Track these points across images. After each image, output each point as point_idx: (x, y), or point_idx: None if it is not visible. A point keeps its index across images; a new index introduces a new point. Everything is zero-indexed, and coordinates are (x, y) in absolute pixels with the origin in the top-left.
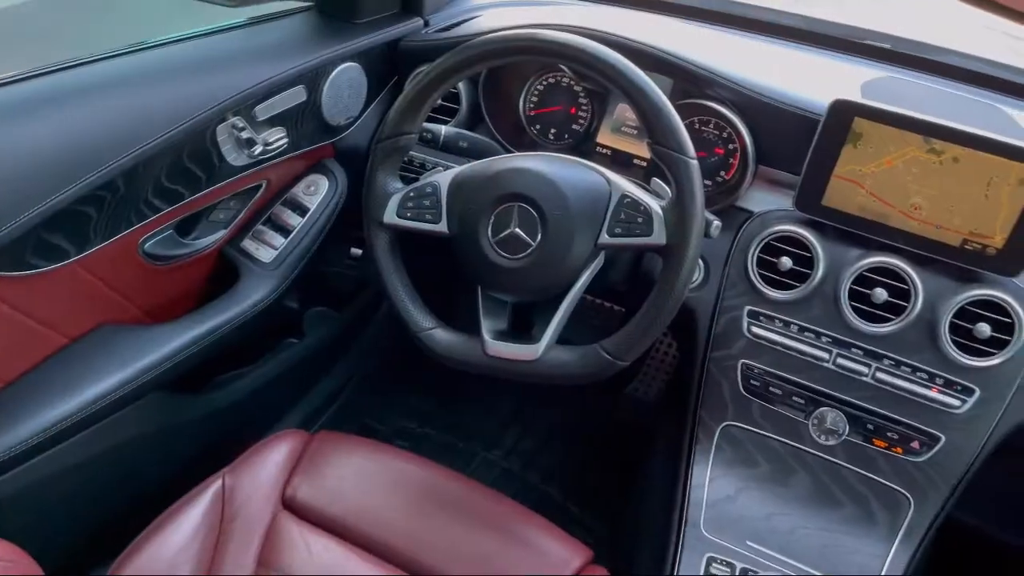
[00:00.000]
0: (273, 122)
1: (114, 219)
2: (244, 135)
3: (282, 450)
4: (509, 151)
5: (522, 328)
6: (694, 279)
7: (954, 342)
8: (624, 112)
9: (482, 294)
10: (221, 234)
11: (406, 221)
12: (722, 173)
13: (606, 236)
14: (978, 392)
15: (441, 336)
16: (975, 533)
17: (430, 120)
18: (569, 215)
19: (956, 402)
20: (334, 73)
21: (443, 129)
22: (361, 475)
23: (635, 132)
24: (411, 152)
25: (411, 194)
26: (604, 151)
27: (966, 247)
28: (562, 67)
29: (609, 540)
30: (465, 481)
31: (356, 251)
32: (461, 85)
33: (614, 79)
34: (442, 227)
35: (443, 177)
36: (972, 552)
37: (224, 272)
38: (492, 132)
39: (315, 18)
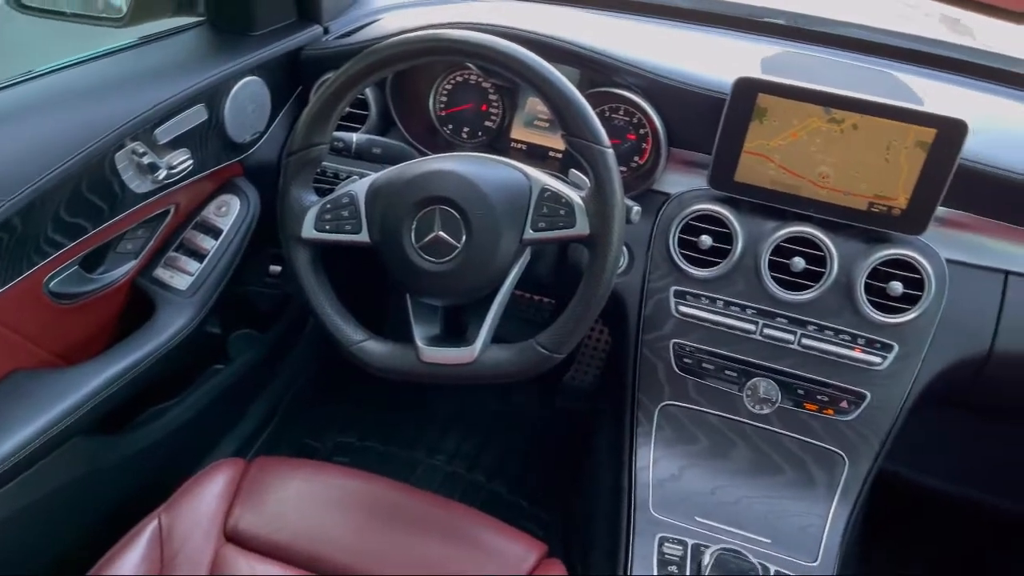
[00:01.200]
0: (175, 144)
1: (14, 260)
2: (146, 160)
3: (219, 481)
4: (424, 154)
5: (456, 331)
6: (620, 265)
7: (870, 302)
8: (535, 106)
9: (411, 301)
10: (131, 265)
11: (325, 234)
12: (636, 158)
13: (531, 231)
14: (897, 348)
15: (374, 348)
16: (906, 482)
17: (340, 129)
18: (492, 213)
19: (877, 359)
20: (235, 88)
21: (354, 137)
22: (303, 497)
23: (548, 125)
24: (324, 163)
25: (328, 206)
26: (519, 146)
27: (873, 210)
28: (469, 65)
29: (562, 531)
30: (410, 491)
31: (275, 268)
32: (369, 91)
33: (521, 74)
34: (363, 237)
35: (359, 186)
36: (905, 500)
37: (139, 304)
38: (405, 136)
39: (209, 33)
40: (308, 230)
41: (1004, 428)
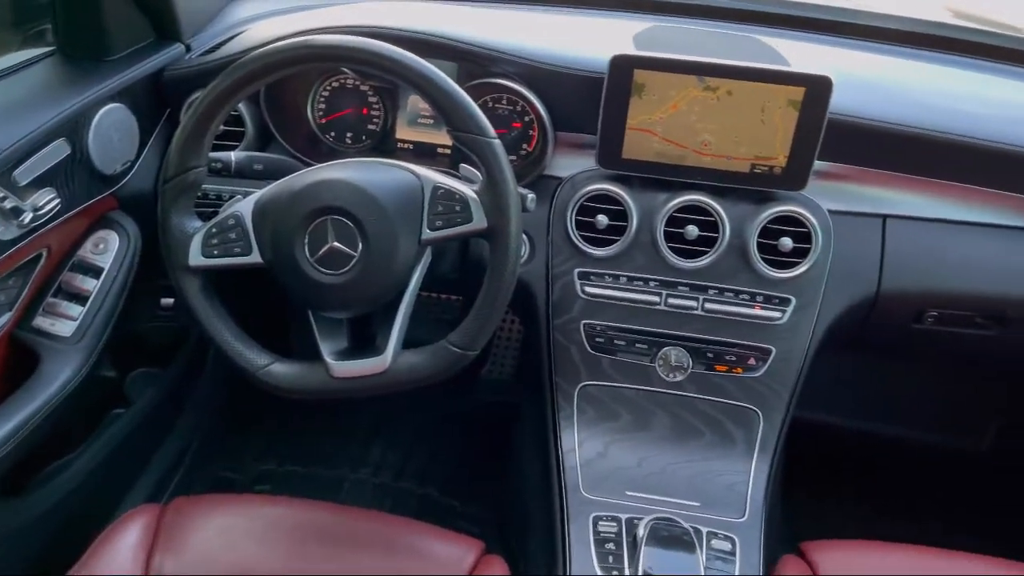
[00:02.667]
0: (39, 183)
1: None
2: (7, 204)
3: (133, 531)
4: (309, 164)
5: (364, 342)
6: (522, 255)
7: (764, 260)
8: (417, 103)
9: (315, 316)
10: (6, 318)
11: (214, 259)
12: (525, 146)
13: (428, 231)
14: (794, 301)
15: (281, 370)
16: (820, 426)
17: (216, 148)
18: (386, 218)
19: (777, 314)
20: (96, 118)
21: (233, 155)
22: (228, 533)
23: (433, 122)
24: (204, 186)
25: (213, 230)
26: (406, 146)
27: (756, 171)
28: (345, 70)
29: (498, 525)
30: (338, 509)
31: (168, 301)
32: (242, 106)
33: (397, 73)
34: (255, 257)
35: (244, 205)
36: (821, 443)
37: (20, 358)
38: (286, 149)
39: (61, 63)
40: (195, 258)
41: (900, 364)
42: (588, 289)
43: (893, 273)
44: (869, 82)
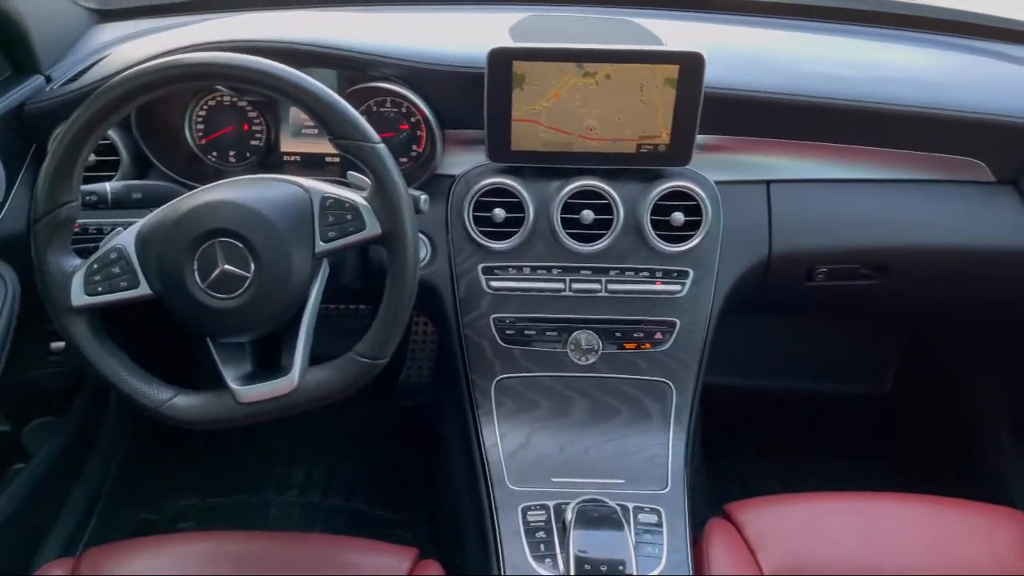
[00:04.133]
0: None
1: None
2: None
3: None
4: (192, 188)
5: (270, 363)
6: (422, 256)
7: (659, 236)
8: (299, 115)
9: (214, 343)
10: None
11: (99, 297)
12: (414, 147)
13: (322, 243)
14: (692, 273)
15: (185, 403)
16: (731, 389)
17: (90, 180)
18: (276, 235)
19: (677, 287)
20: None
21: (108, 186)
22: None
23: (318, 131)
24: (81, 221)
25: (95, 266)
26: (293, 159)
27: (642, 151)
28: (219, 87)
29: (431, 528)
30: (264, 536)
31: (58, 345)
32: (113, 134)
33: (270, 85)
34: (143, 290)
35: (126, 237)
36: (735, 408)
37: None
38: (166, 174)
39: None
40: (78, 297)
41: (799, 321)
42: (493, 283)
43: (782, 235)
44: (742, 55)
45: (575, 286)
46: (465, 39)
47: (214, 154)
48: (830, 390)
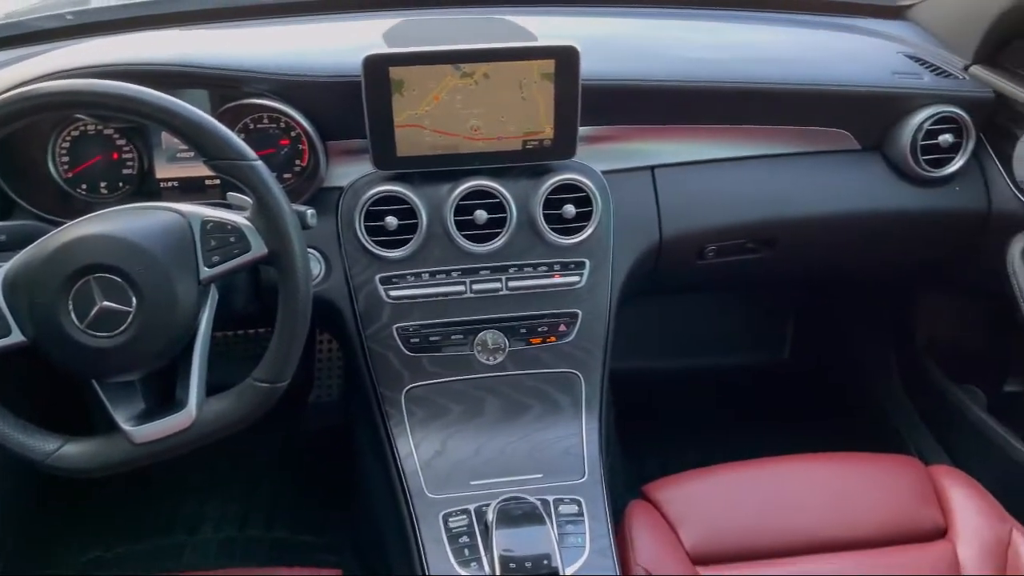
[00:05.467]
0: None
1: None
2: None
3: None
4: (62, 224)
5: (164, 399)
6: (316, 273)
7: (553, 230)
8: (172, 139)
9: (101, 385)
10: None
11: None
12: (298, 162)
13: (206, 269)
14: (588, 263)
15: (75, 451)
16: (640, 374)
17: None
18: (156, 265)
19: (576, 278)
20: None
21: None
22: None
23: (193, 155)
24: None
25: None
26: (170, 184)
27: (528, 147)
28: (79, 116)
29: (353, 548)
30: None
31: None
32: None
33: (134, 111)
34: (15, 337)
35: None
36: (646, 390)
37: None
38: (32, 212)
39: None
40: None
41: (697, 299)
42: (393, 292)
43: (670, 218)
44: (617, 46)
45: (476, 287)
46: (339, 48)
47: (83, 187)
48: (733, 362)
